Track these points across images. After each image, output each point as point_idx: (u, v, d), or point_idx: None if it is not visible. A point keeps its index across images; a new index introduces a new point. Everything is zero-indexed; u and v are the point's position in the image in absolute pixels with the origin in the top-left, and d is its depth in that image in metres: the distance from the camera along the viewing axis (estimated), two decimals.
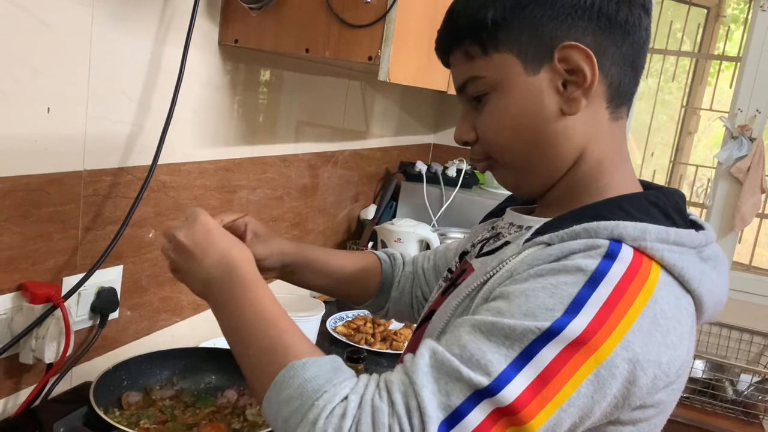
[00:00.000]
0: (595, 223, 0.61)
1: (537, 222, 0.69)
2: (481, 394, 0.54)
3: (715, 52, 3.07)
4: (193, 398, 1.07)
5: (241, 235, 0.93)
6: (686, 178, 3.13)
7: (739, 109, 2.52)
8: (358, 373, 1.03)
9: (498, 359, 0.55)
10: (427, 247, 1.87)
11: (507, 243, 0.72)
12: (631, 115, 2.51)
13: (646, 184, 0.75)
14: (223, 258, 0.74)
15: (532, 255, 0.63)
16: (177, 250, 0.77)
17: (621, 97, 0.69)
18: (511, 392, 0.53)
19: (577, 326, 0.55)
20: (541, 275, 0.59)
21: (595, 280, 0.57)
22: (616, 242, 0.60)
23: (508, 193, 0.83)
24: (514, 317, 0.57)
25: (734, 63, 2.80)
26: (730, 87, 2.76)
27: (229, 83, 1.36)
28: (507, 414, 0.53)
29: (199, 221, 0.78)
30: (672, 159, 3.12)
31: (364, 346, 1.53)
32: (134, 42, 1.10)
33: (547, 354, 0.54)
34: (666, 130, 3.30)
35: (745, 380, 2.21)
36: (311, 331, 1.53)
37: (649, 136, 3.11)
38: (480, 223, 0.90)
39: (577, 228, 0.62)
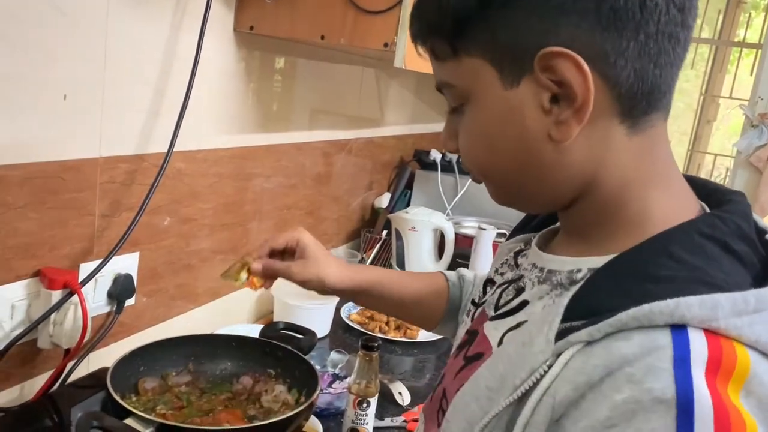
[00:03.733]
0: (647, 307, 0.45)
1: (560, 264, 0.57)
2: None
3: (736, 39, 3.02)
4: (208, 384, 1.07)
5: (293, 253, 0.91)
6: (704, 167, 3.09)
7: (759, 97, 2.48)
8: (372, 361, 1.05)
9: None
10: (442, 236, 1.87)
11: (525, 302, 0.59)
12: None
13: (702, 186, 0.59)
14: None
15: (572, 366, 0.47)
16: None
17: (645, 104, 0.52)
18: None
19: None
20: (614, 426, 0.43)
21: (684, 405, 0.41)
22: (679, 330, 0.44)
23: None
24: None
25: (755, 50, 2.75)
26: (751, 74, 2.72)
27: (243, 70, 1.36)
28: None
29: None
30: (690, 148, 3.09)
31: (378, 334, 1.53)
32: (150, 28, 1.10)
33: None
34: (684, 118, 3.26)
35: None
36: (325, 319, 1.53)
37: (666, 124, 3.07)
38: (507, 240, 0.75)
39: (623, 317, 0.45)
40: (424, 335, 1.59)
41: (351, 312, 1.65)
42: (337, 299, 1.54)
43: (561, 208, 0.59)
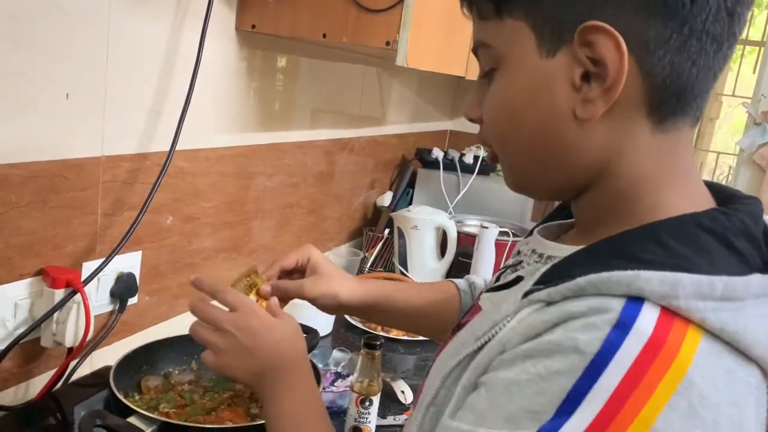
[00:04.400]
0: (605, 275, 0.45)
1: (558, 251, 0.57)
2: None
3: None
4: (211, 383, 1.07)
5: (304, 270, 0.90)
6: (707, 165, 3.09)
7: (762, 95, 2.48)
8: (375, 359, 1.04)
9: None
10: (444, 234, 1.87)
11: (520, 278, 0.60)
12: None
13: (718, 190, 0.56)
14: (272, 355, 0.72)
15: (527, 320, 0.48)
16: (224, 338, 0.72)
17: (675, 105, 0.50)
18: None
19: (576, 421, 0.41)
20: (530, 357, 0.45)
21: (596, 365, 0.42)
22: (635, 302, 0.44)
23: None
24: (495, 427, 0.45)
25: (758, 48, 2.74)
26: (753, 72, 2.71)
27: (245, 69, 1.36)
28: None
29: (246, 308, 0.73)
30: (693, 146, 3.08)
31: (381, 333, 1.53)
32: (152, 27, 1.10)
33: None
34: None
35: None
36: (328, 318, 1.53)
37: None
38: (525, 237, 0.73)
39: (581, 281, 0.46)
40: None
41: None
42: None
43: (571, 195, 0.57)
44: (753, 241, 0.49)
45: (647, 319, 0.43)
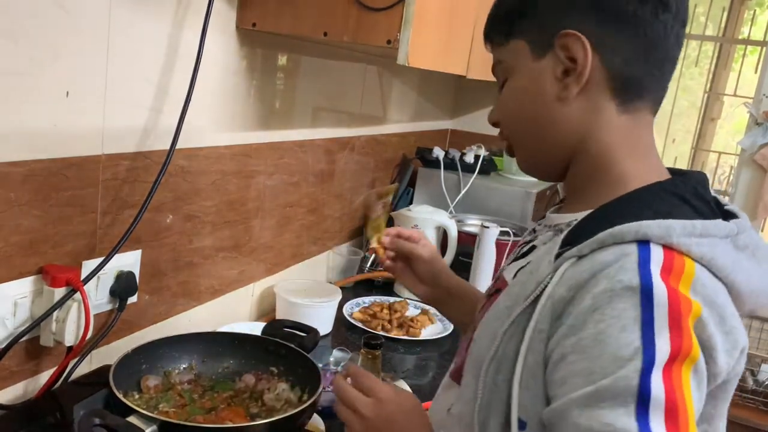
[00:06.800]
0: (617, 228, 0.62)
1: (561, 219, 0.74)
2: None
3: (740, 36, 3.01)
4: (211, 382, 1.07)
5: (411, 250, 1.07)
6: (708, 165, 3.08)
7: (764, 95, 2.47)
8: (375, 359, 1.04)
9: (626, 421, 0.54)
10: (445, 234, 1.86)
11: (534, 247, 0.77)
12: None
13: (673, 172, 0.74)
14: None
15: (566, 274, 0.63)
16: (362, 422, 0.78)
17: (633, 91, 0.70)
18: None
19: (661, 344, 0.56)
20: (596, 309, 0.59)
21: (645, 291, 0.58)
22: (644, 243, 0.61)
23: (526, 179, 0.91)
24: (608, 373, 0.56)
25: (759, 47, 2.74)
26: (755, 72, 2.70)
27: (246, 68, 1.35)
28: None
29: (383, 395, 0.79)
30: (694, 146, 3.07)
31: (381, 332, 1.53)
32: (152, 25, 1.10)
33: (657, 386, 0.55)
34: (687, 116, 3.24)
35: (766, 370, 2.19)
36: (328, 317, 1.53)
37: (670, 122, 3.06)
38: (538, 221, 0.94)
39: (602, 236, 0.62)
40: (426, 333, 1.58)
41: (353, 310, 1.65)
42: (339, 297, 1.54)
43: (563, 172, 0.76)
44: (704, 201, 0.68)
45: (656, 252, 0.60)
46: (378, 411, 0.78)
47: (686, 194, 0.67)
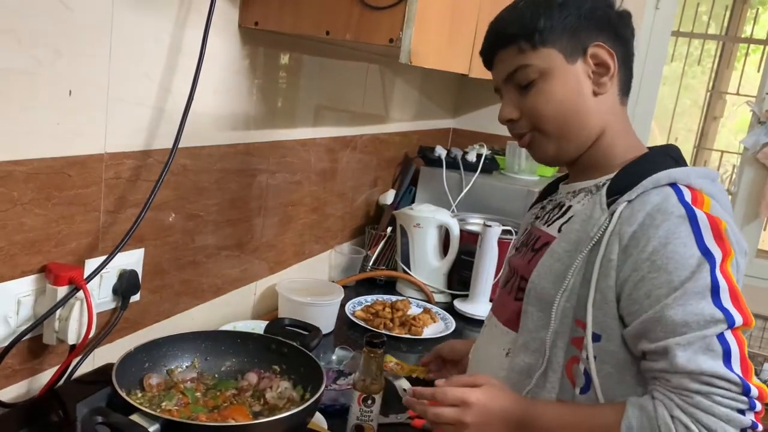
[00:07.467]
0: (654, 176, 0.85)
1: (585, 184, 0.97)
2: (726, 331, 0.78)
3: (743, 35, 3.00)
4: (214, 381, 1.07)
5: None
6: (711, 163, 3.08)
7: (767, 93, 2.46)
8: (377, 357, 1.04)
9: (711, 308, 0.78)
10: (447, 232, 1.86)
11: (569, 207, 0.96)
12: (655, 100, 2.46)
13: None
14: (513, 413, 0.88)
15: (625, 215, 0.84)
16: (472, 410, 0.87)
17: (627, 88, 0.97)
18: (736, 316, 0.78)
19: (715, 248, 0.81)
20: (659, 236, 0.81)
21: (690, 214, 0.82)
22: (673, 186, 0.85)
23: (529, 177, 0.90)
24: (688, 277, 0.79)
25: (762, 46, 2.73)
26: (758, 71, 2.70)
27: (248, 66, 1.35)
28: (740, 327, 0.79)
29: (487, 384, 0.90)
30: (696, 144, 3.07)
31: (383, 331, 1.53)
32: (155, 24, 1.10)
33: (721, 279, 0.79)
34: (690, 115, 3.24)
35: None
36: (330, 316, 1.53)
37: (672, 120, 3.06)
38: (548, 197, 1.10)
39: (645, 182, 0.85)
40: (428, 332, 1.58)
41: (356, 309, 1.65)
42: (341, 295, 1.54)
43: (581, 154, 0.96)
44: (683, 160, 0.94)
45: (685, 190, 0.85)
46: (476, 397, 0.88)
47: (674, 156, 0.94)
